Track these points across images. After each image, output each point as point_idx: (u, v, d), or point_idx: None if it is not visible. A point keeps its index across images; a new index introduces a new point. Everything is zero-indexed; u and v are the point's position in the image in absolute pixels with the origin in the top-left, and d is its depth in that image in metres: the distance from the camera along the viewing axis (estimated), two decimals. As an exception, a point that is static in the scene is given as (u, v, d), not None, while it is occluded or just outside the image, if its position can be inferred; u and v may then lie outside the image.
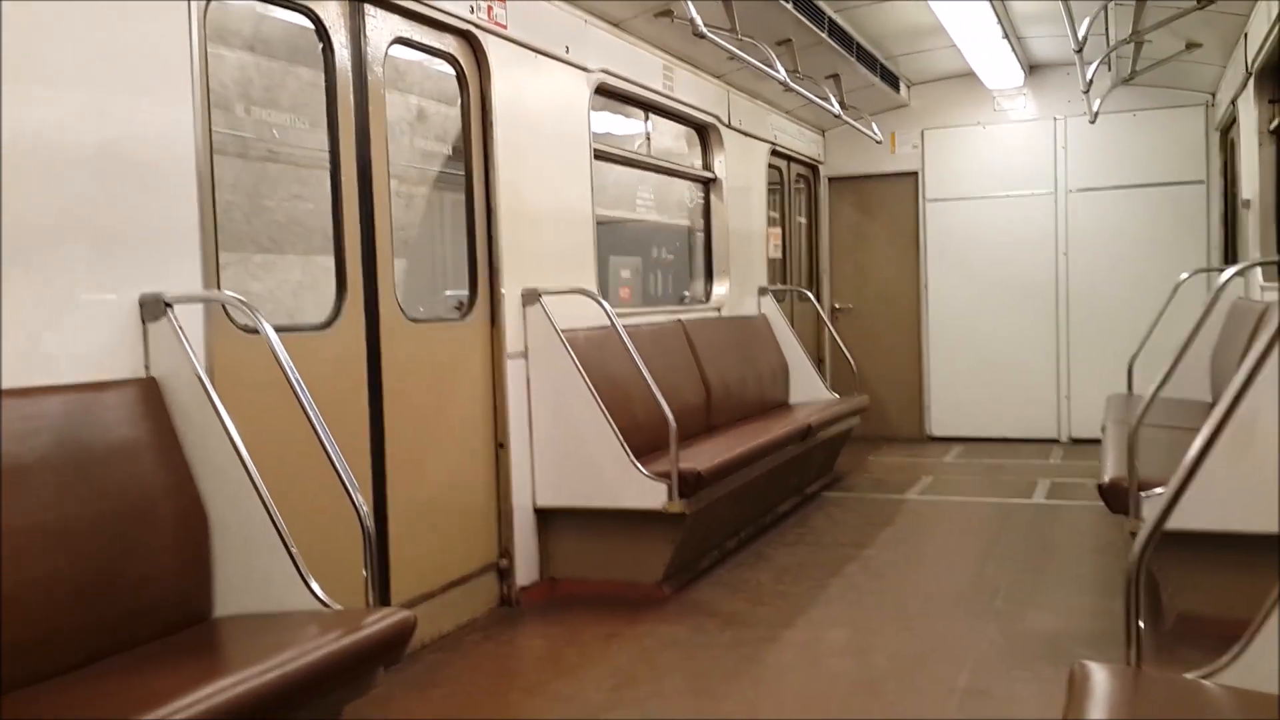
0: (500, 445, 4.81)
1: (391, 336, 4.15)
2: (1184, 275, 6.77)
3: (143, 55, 3.05)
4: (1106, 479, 4.28)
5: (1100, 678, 2.17)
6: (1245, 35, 6.54)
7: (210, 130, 3.29)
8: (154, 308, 3.00)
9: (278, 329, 2.96)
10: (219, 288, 3.28)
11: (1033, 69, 9.14)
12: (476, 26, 4.60)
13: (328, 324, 3.89)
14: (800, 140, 9.25)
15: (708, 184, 7.57)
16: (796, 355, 7.99)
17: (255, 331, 2.97)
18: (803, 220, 9.74)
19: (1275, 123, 6.26)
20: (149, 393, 2.95)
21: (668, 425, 4.83)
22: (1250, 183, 6.71)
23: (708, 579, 5.24)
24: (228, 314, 3.36)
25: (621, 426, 4.91)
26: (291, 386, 2.89)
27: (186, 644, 2.73)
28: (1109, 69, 7.94)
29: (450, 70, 4.65)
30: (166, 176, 3.11)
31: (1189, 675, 2.30)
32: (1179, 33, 6.96)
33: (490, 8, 4.67)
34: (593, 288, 5.39)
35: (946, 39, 7.69)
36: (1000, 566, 5.37)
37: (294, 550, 2.87)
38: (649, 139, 7.21)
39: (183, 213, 3.16)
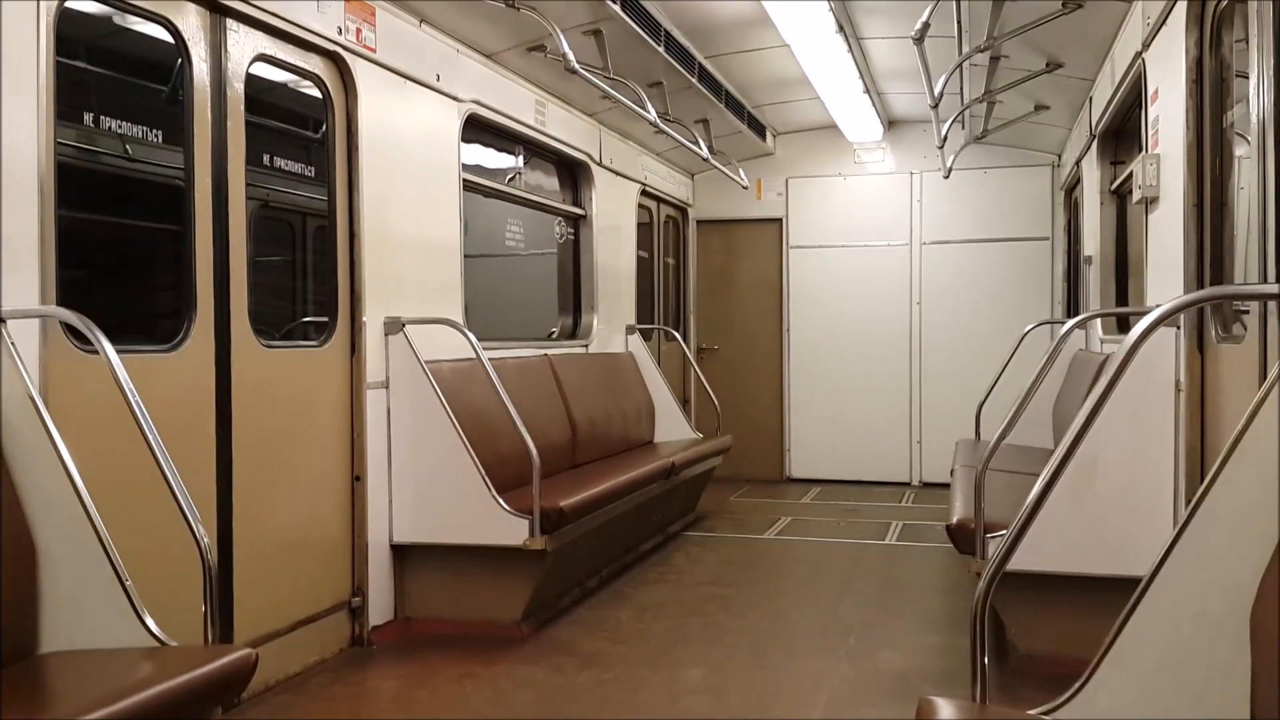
0: (357, 478, 4.68)
1: (243, 361, 3.99)
2: (1029, 327, 7.08)
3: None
4: (954, 521, 4.42)
5: (946, 714, 2.21)
6: (1090, 100, 6.91)
7: (55, 140, 3.12)
8: (-17, 323, 2.83)
9: (120, 350, 2.81)
10: (57, 304, 3.10)
11: (892, 124, 9.49)
12: (344, 48, 4.51)
13: (174, 345, 3.72)
14: (670, 182, 9.36)
15: (577, 221, 7.58)
16: (662, 394, 8.04)
17: (96, 351, 2.82)
18: (671, 261, 9.84)
19: (1116, 183, 6.60)
20: (-27, 413, 2.76)
21: (531, 461, 4.78)
22: (1092, 240, 7.07)
23: (567, 618, 5.18)
24: (67, 332, 3.18)
25: (484, 461, 4.83)
26: (131, 410, 2.75)
27: (7, 682, 2.54)
28: (963, 127, 8.31)
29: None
30: (5, 186, 2.94)
31: (1031, 712, 2.36)
32: (1029, 95, 7.32)
33: (359, 30, 4.59)
34: (459, 319, 5.31)
35: (811, 91, 7.92)
36: (854, 606, 5.46)
37: (128, 583, 2.73)
38: (520, 174, 7.19)
39: (21, 224, 2.99)
